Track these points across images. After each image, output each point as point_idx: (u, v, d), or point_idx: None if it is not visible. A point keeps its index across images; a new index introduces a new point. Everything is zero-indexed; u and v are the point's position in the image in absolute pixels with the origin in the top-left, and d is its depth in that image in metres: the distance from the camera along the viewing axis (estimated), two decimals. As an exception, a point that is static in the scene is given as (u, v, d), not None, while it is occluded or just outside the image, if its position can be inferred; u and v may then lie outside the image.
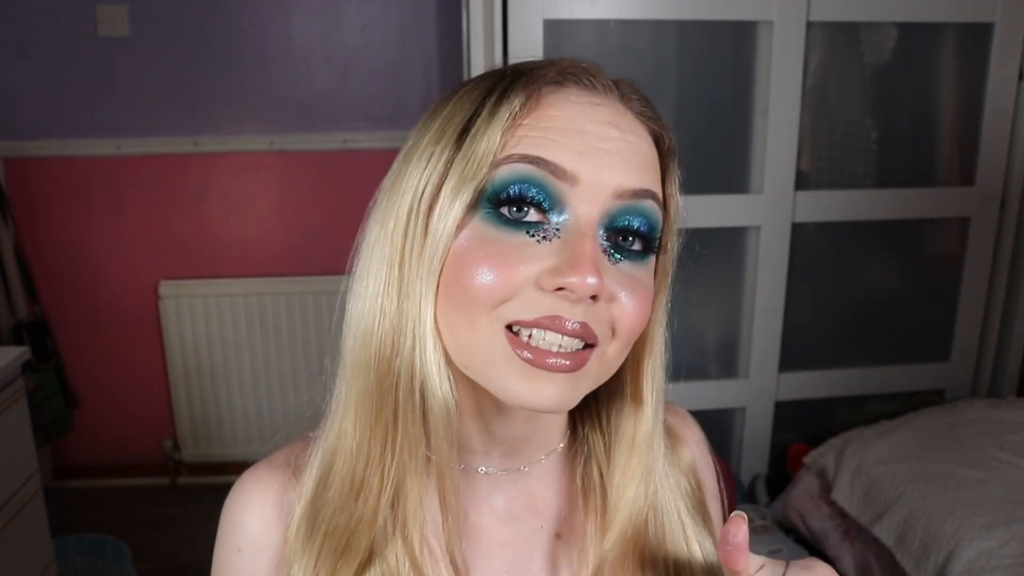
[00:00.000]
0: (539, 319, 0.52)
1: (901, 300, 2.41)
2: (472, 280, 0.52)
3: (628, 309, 0.54)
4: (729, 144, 2.16)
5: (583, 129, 0.54)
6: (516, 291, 0.52)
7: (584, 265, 0.51)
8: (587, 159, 0.53)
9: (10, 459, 1.75)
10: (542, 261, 0.52)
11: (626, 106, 0.57)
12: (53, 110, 2.58)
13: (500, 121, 0.53)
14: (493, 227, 0.53)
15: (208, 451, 2.82)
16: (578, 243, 0.52)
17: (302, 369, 2.75)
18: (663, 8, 1.99)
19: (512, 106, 0.53)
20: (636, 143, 0.56)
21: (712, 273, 2.26)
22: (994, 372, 2.41)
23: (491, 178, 0.53)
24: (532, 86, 0.55)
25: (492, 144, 0.53)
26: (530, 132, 0.53)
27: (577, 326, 0.52)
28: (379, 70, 2.61)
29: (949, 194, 2.26)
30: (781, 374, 2.29)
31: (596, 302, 0.52)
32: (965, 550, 1.59)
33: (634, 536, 0.62)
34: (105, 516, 2.66)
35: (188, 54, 2.56)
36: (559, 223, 0.53)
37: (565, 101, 0.55)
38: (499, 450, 0.63)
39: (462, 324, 0.54)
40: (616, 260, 0.55)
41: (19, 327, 2.56)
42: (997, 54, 2.14)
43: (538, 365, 0.52)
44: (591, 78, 0.57)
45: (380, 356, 0.57)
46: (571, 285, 0.51)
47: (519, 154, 0.53)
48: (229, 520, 0.67)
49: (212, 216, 2.69)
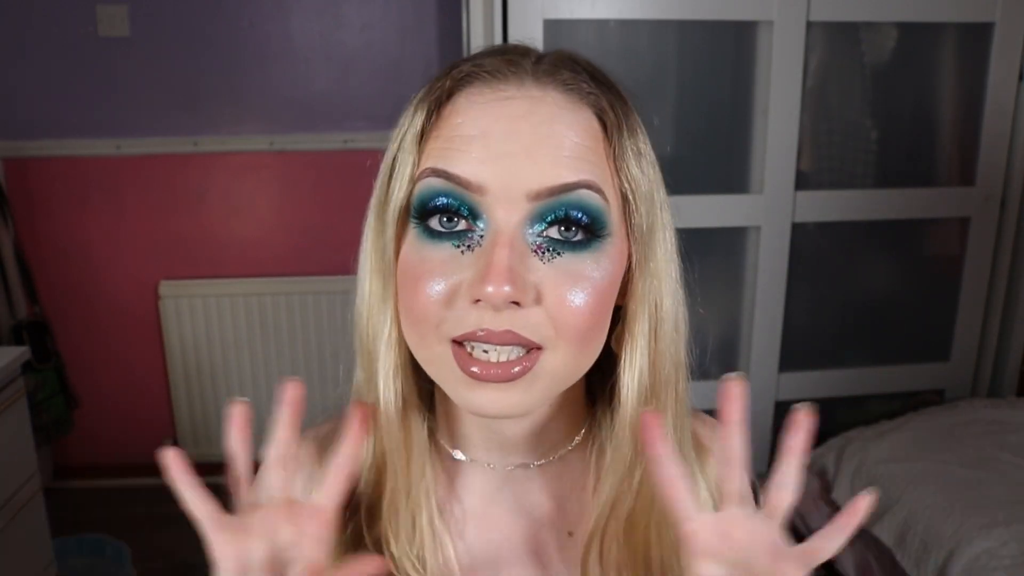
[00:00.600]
0: (467, 334, 0.52)
1: (901, 300, 2.40)
2: (412, 301, 0.54)
3: (566, 306, 0.53)
4: (729, 144, 2.16)
5: (487, 133, 0.53)
6: (451, 306, 0.53)
7: (492, 275, 0.50)
8: (491, 166, 0.52)
9: (10, 459, 1.75)
10: (465, 273, 0.53)
11: (545, 89, 0.54)
12: (53, 110, 2.58)
13: (413, 136, 0.55)
14: (424, 242, 0.54)
15: (208, 451, 2.82)
16: (492, 252, 0.52)
17: (302, 369, 2.75)
18: (663, 8, 1.99)
19: (420, 120, 0.55)
20: (556, 132, 0.53)
21: (712, 273, 2.26)
22: (994, 372, 2.40)
23: (413, 192, 0.55)
24: (437, 93, 0.55)
25: (409, 162, 0.55)
26: (438, 144, 0.54)
27: (504, 334, 0.52)
28: (379, 70, 2.61)
29: (949, 194, 2.26)
30: (781, 374, 2.29)
31: (522, 307, 0.52)
32: (965, 550, 1.59)
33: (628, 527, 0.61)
34: (105, 516, 2.65)
35: (188, 54, 2.56)
36: (482, 230, 0.53)
37: (468, 103, 0.54)
38: (503, 447, 0.63)
39: (415, 341, 0.56)
40: (553, 257, 0.53)
41: (19, 327, 2.56)
42: (997, 54, 2.14)
43: (479, 378, 0.53)
44: (498, 70, 0.55)
45: (365, 363, 0.61)
46: (485, 296, 0.51)
47: (429, 168, 0.54)
48: None
49: (212, 216, 2.69)
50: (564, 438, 0.65)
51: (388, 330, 0.58)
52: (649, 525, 0.61)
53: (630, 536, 0.61)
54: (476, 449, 0.64)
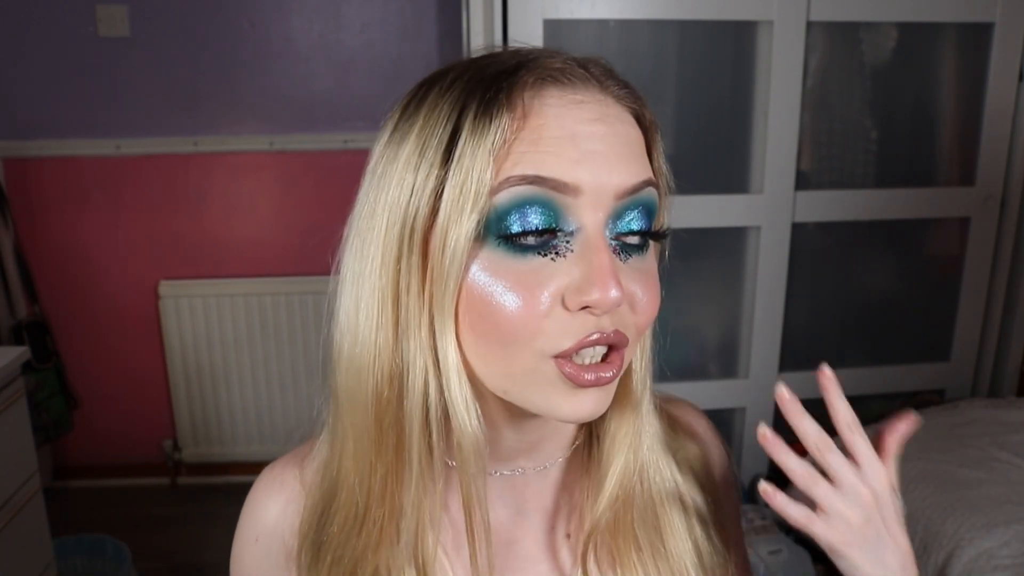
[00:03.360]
0: (579, 342, 0.51)
1: (901, 300, 2.40)
2: (501, 315, 0.51)
3: (645, 304, 0.54)
4: (729, 144, 2.16)
5: (574, 134, 0.51)
6: (547, 316, 0.51)
7: (604, 280, 0.50)
8: (585, 166, 0.51)
9: (10, 459, 1.75)
10: (562, 279, 0.51)
11: (606, 94, 0.55)
12: (53, 110, 2.58)
13: (488, 143, 0.50)
14: (505, 255, 0.51)
15: (208, 451, 2.82)
16: (593, 256, 0.51)
17: (302, 369, 2.75)
18: (663, 8, 1.99)
19: (500, 125, 0.50)
20: (624, 133, 0.54)
21: (712, 273, 2.26)
22: (994, 372, 2.40)
23: (492, 205, 0.50)
24: (513, 97, 0.51)
25: (485, 169, 0.50)
26: (521, 148, 0.50)
27: (612, 335, 0.52)
28: (379, 70, 2.61)
29: (949, 194, 2.26)
30: (781, 374, 2.28)
31: (619, 308, 0.53)
32: (965, 550, 1.59)
33: (626, 507, 0.61)
34: (105, 516, 2.66)
35: (188, 54, 2.56)
36: (570, 237, 0.52)
37: (548, 107, 0.52)
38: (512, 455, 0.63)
39: (499, 357, 0.53)
40: (626, 258, 0.54)
41: (19, 327, 2.56)
42: (997, 54, 2.13)
43: (585, 385, 0.52)
44: (567, 74, 0.54)
45: (378, 395, 0.55)
46: (595, 302, 0.50)
47: (517, 176, 0.50)
48: (249, 510, 0.67)
49: (212, 216, 2.69)
50: (567, 442, 0.65)
51: (455, 358, 0.53)
52: (651, 517, 0.62)
53: (630, 531, 0.61)
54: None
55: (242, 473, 2.81)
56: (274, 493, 0.66)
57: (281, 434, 2.78)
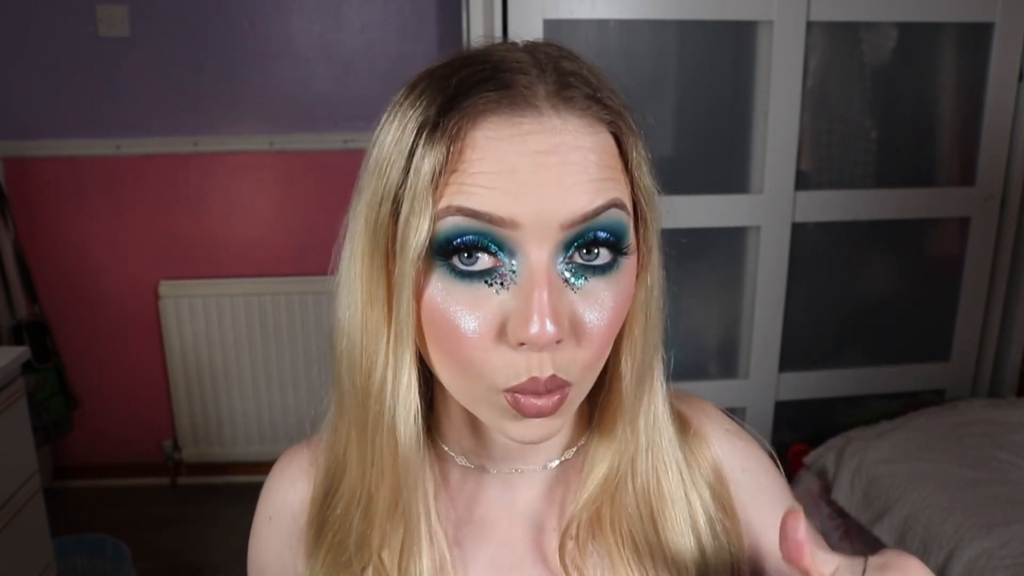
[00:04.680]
0: (519, 386, 0.52)
1: (901, 300, 2.40)
2: (453, 342, 0.52)
3: (593, 334, 0.53)
4: (729, 144, 2.16)
5: (513, 167, 0.50)
6: (493, 350, 0.52)
7: (538, 318, 0.49)
8: (523, 200, 0.50)
9: (10, 459, 1.75)
10: (501, 312, 0.51)
11: (565, 118, 0.52)
12: (53, 110, 2.58)
13: (432, 167, 0.50)
14: (453, 280, 0.52)
15: (208, 451, 2.82)
16: (531, 291, 0.50)
17: (302, 369, 2.75)
18: (663, 8, 1.99)
19: (443, 152, 0.50)
20: (582, 157, 0.51)
21: (712, 273, 2.26)
22: (994, 372, 2.40)
23: (435, 231, 0.51)
24: (455, 127, 0.51)
25: (426, 198, 0.51)
26: (460, 178, 0.51)
27: (549, 381, 0.52)
28: (379, 70, 2.61)
29: (949, 194, 2.26)
30: (781, 374, 2.29)
31: (559, 345, 0.52)
32: (965, 550, 1.59)
33: (618, 509, 0.61)
34: (105, 516, 2.66)
35: (188, 54, 2.56)
36: (513, 266, 0.51)
37: (486, 140, 0.51)
38: (506, 454, 0.63)
39: (459, 379, 0.55)
40: (580, 285, 0.53)
41: (19, 327, 2.56)
42: (997, 54, 2.13)
43: (527, 415, 0.53)
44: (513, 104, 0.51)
45: (365, 391, 0.58)
46: (530, 339, 0.50)
47: (454, 206, 0.50)
48: (266, 490, 0.71)
49: (212, 216, 2.69)
50: (569, 441, 0.65)
51: (407, 373, 0.55)
52: (648, 518, 0.61)
53: (627, 532, 0.61)
54: (479, 456, 0.64)
55: (242, 473, 2.81)
56: (287, 475, 0.69)
57: (281, 434, 2.78)
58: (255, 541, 0.71)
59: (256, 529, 0.71)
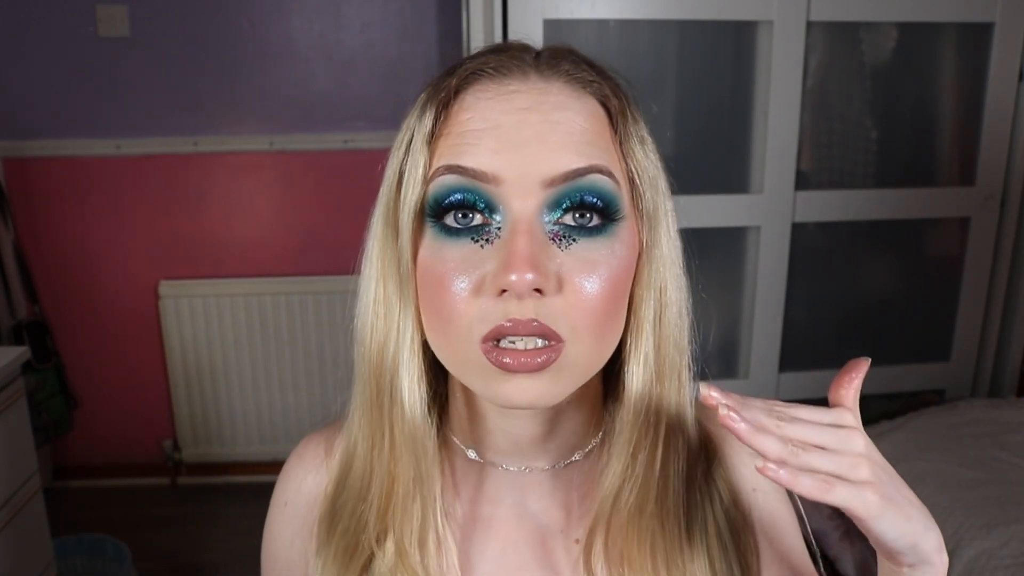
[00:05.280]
0: (495, 328, 0.52)
1: (901, 300, 2.41)
2: (439, 302, 0.54)
3: (585, 294, 0.53)
4: (729, 144, 2.16)
5: (498, 124, 0.53)
6: (472, 301, 0.53)
7: (515, 263, 0.50)
8: (505, 156, 0.52)
9: (10, 459, 1.75)
10: (487, 266, 0.53)
11: (549, 81, 0.55)
12: (53, 110, 2.58)
13: (423, 137, 0.55)
14: (442, 241, 0.54)
15: (208, 451, 2.82)
16: (512, 241, 0.52)
17: (302, 369, 2.75)
18: (663, 8, 1.99)
19: (428, 121, 0.55)
20: (566, 119, 0.54)
21: (712, 273, 2.26)
22: (994, 372, 2.40)
23: (428, 191, 0.54)
24: (443, 93, 0.55)
25: (421, 163, 0.55)
26: (448, 141, 0.55)
27: (530, 323, 0.52)
28: (379, 70, 2.61)
29: (949, 194, 2.26)
30: (781, 374, 2.29)
31: (544, 295, 0.52)
32: (965, 550, 1.59)
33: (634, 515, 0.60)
34: (105, 516, 2.66)
35: (188, 54, 2.56)
36: (499, 223, 0.53)
37: (475, 99, 0.55)
38: (518, 448, 0.63)
39: (444, 342, 0.56)
40: (569, 243, 0.53)
41: (19, 327, 2.56)
42: (997, 54, 2.13)
43: (510, 369, 0.52)
44: (502, 66, 0.56)
45: (371, 370, 0.60)
46: (509, 285, 0.50)
47: (443, 166, 0.54)
48: (283, 476, 0.72)
49: (212, 216, 2.69)
50: (579, 442, 0.64)
51: (411, 336, 0.57)
52: (653, 515, 0.60)
53: (634, 529, 0.60)
54: (490, 450, 0.64)
55: (242, 473, 2.81)
56: (303, 462, 0.70)
57: (281, 434, 2.78)
58: (270, 527, 0.72)
59: (272, 516, 0.72)
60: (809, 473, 0.46)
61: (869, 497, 0.47)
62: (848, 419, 0.50)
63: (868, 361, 0.51)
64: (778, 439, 0.46)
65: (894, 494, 0.49)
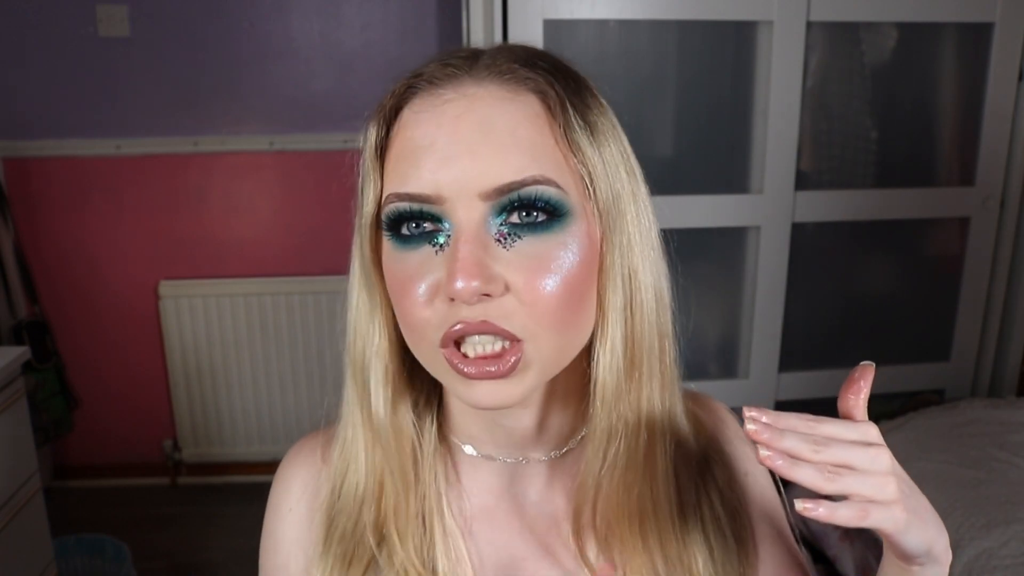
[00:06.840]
0: (448, 333, 0.53)
1: (901, 300, 2.40)
2: (401, 308, 0.56)
3: (538, 291, 0.53)
4: (729, 144, 2.16)
5: (433, 141, 0.54)
6: (428, 307, 0.54)
7: (458, 272, 0.51)
8: (443, 173, 0.53)
9: (10, 459, 1.75)
10: (439, 272, 0.54)
11: (482, 84, 0.55)
12: (53, 110, 2.58)
13: (371, 156, 0.58)
14: (400, 249, 0.56)
15: (208, 451, 2.82)
16: (454, 250, 0.53)
17: (302, 369, 2.75)
18: (663, 8, 1.99)
19: (372, 138, 0.58)
20: (497, 127, 0.53)
21: (712, 273, 2.26)
22: (994, 372, 2.40)
23: (382, 214, 0.57)
24: (382, 112, 0.58)
25: (371, 180, 0.58)
26: (393, 159, 0.56)
27: (480, 324, 0.53)
28: (379, 70, 2.61)
29: (949, 194, 2.26)
30: (781, 374, 2.29)
31: (493, 298, 0.52)
32: (965, 550, 1.59)
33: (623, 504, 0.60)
34: (105, 516, 2.66)
35: (188, 54, 2.56)
36: (448, 229, 0.54)
37: (412, 115, 0.56)
38: (510, 440, 0.63)
39: (414, 345, 0.57)
40: (514, 241, 0.53)
41: (19, 327, 2.56)
42: (997, 54, 2.13)
43: (471, 377, 0.54)
44: (435, 76, 0.56)
45: (355, 371, 0.62)
46: (455, 293, 0.51)
47: (392, 193, 0.55)
48: (282, 484, 0.70)
49: (212, 216, 2.69)
50: (572, 431, 0.65)
51: (378, 340, 0.60)
52: (644, 497, 0.60)
53: (623, 511, 0.60)
54: (485, 444, 0.64)
55: (242, 473, 2.81)
56: (297, 467, 0.70)
57: (281, 434, 2.78)
58: (274, 537, 0.69)
59: (275, 525, 0.69)
60: (845, 503, 0.48)
61: (898, 515, 0.49)
62: (873, 435, 0.51)
63: (873, 366, 0.52)
64: (814, 467, 0.48)
65: (916, 506, 0.51)
